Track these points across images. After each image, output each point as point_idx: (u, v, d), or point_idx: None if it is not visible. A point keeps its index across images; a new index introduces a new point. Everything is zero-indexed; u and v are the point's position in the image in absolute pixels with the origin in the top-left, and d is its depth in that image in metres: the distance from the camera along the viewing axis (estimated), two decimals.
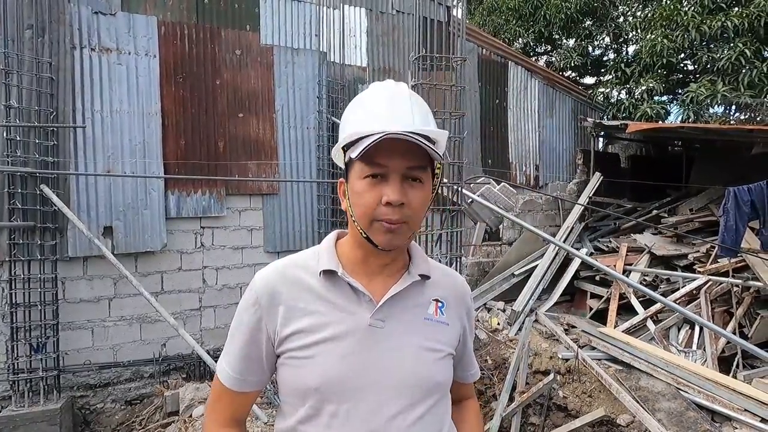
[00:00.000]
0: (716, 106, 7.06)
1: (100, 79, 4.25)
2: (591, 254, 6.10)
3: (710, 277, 4.88)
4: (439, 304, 0.93)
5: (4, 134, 3.75)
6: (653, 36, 7.63)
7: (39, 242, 3.87)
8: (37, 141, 3.86)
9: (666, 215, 6.70)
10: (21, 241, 3.81)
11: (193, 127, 4.66)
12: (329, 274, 0.87)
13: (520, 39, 10.33)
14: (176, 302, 4.57)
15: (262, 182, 4.98)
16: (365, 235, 0.84)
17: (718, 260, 5.04)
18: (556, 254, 6.02)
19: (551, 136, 7.49)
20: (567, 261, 6.01)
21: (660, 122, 7.34)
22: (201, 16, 4.70)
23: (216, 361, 3.34)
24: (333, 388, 0.82)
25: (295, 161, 5.15)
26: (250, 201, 4.97)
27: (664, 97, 8.61)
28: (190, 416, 3.56)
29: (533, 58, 10.20)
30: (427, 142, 0.80)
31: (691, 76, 8.31)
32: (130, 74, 4.36)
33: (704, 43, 7.41)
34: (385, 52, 5.76)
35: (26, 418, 3.69)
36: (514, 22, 10.19)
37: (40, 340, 3.87)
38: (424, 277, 0.93)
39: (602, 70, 10.06)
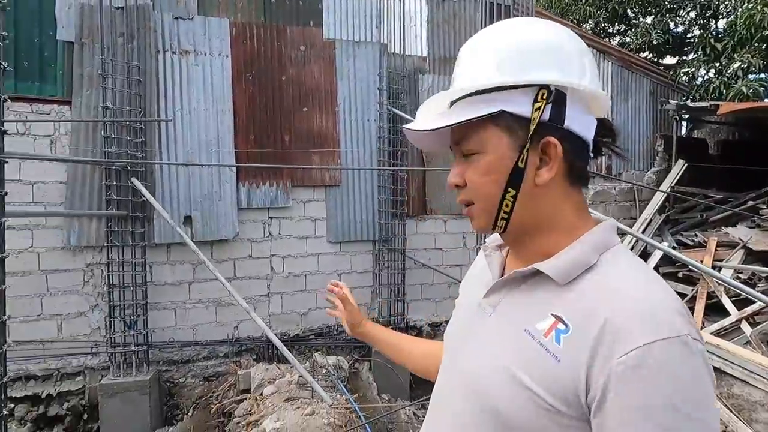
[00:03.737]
0: None
1: (180, 79, 4.59)
2: (673, 248, 5.59)
3: None
4: (560, 327, 0.62)
5: (102, 132, 4.19)
6: (751, 5, 6.78)
7: (130, 230, 4.29)
8: (128, 138, 4.26)
9: (765, 206, 5.96)
10: (116, 229, 4.24)
11: (261, 122, 4.89)
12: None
13: (590, 20, 9.67)
14: (247, 288, 4.85)
15: (325, 174, 5.12)
16: None
17: None
18: (632, 248, 5.59)
19: (626, 121, 6.94)
20: (644, 256, 5.56)
21: (758, 101, 6.52)
22: (268, 15, 4.91)
23: (285, 345, 3.48)
24: (445, 345, 0.88)
25: (356, 153, 5.23)
26: (314, 192, 5.14)
27: (762, 75, 7.63)
28: (261, 395, 3.77)
29: (605, 40, 9.50)
30: (471, 112, 0.66)
31: None
32: (205, 74, 4.67)
33: None
34: (447, 41, 5.66)
35: (122, 387, 4.13)
36: (584, 1, 9.55)
37: (132, 317, 4.30)
38: (539, 274, 0.68)
39: (685, 49, 9.13)
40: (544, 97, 0.65)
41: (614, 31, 10.50)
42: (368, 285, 5.33)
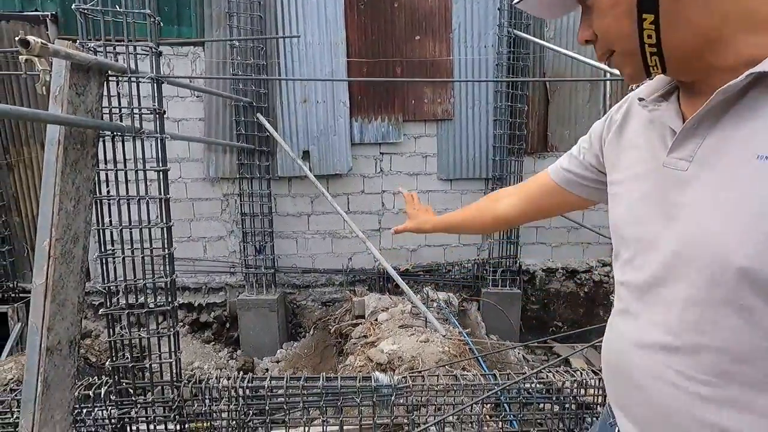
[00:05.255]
0: None
1: (297, 13, 4.61)
2: None
3: None
4: None
5: (230, 70, 4.45)
6: None
7: (257, 163, 4.62)
8: (252, 75, 4.48)
9: None
10: (245, 162, 4.61)
11: (374, 53, 4.75)
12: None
13: None
14: (359, 222, 4.97)
15: (438, 108, 4.87)
16: None
17: None
18: None
19: None
20: None
21: None
22: None
23: (400, 277, 3.50)
24: (622, 233, 0.71)
25: (471, 84, 4.86)
26: (425, 127, 4.96)
27: None
28: (376, 320, 3.94)
29: None
30: None
31: None
32: (319, 6, 4.62)
33: None
34: None
35: (255, 303, 4.66)
36: None
37: (261, 243, 4.75)
38: (755, 86, 0.54)
39: None
40: None
41: None
42: None
